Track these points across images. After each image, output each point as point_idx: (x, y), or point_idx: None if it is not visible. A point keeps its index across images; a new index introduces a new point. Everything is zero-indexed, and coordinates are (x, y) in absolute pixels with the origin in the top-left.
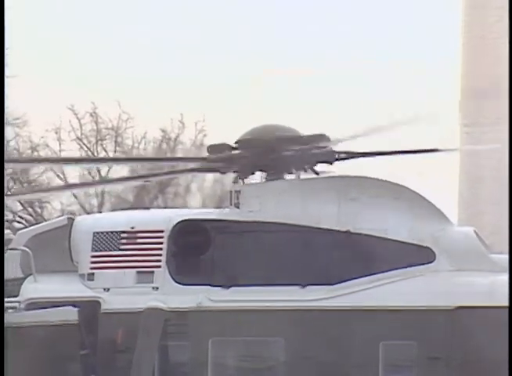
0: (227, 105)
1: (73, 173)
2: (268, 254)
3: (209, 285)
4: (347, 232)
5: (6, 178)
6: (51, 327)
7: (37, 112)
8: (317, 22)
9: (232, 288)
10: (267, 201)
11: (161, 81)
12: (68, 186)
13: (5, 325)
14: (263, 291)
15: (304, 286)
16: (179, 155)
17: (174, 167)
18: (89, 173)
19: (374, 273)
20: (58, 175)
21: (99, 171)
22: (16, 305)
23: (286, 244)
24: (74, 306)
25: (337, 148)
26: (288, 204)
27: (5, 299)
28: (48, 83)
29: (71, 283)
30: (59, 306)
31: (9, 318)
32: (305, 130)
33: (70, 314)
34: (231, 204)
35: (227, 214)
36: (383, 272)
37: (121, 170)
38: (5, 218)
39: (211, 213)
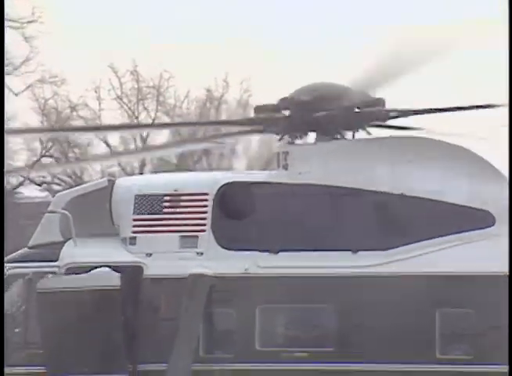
0: (273, 63)
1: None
2: (318, 218)
3: (256, 250)
4: (402, 195)
5: (45, 138)
6: (92, 292)
7: (75, 71)
8: None
9: (281, 254)
10: (317, 163)
11: (205, 39)
12: (107, 156)
13: (45, 290)
14: (313, 256)
15: (356, 251)
16: (224, 115)
17: (218, 129)
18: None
19: (430, 238)
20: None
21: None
22: (56, 270)
23: (336, 207)
24: (116, 272)
25: (389, 106)
26: (339, 166)
27: (45, 263)
28: (87, 41)
29: (112, 247)
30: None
31: (49, 283)
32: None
33: (111, 279)
34: (279, 166)
35: (275, 176)
36: (440, 236)
37: (163, 131)
38: (44, 179)
39: (258, 175)
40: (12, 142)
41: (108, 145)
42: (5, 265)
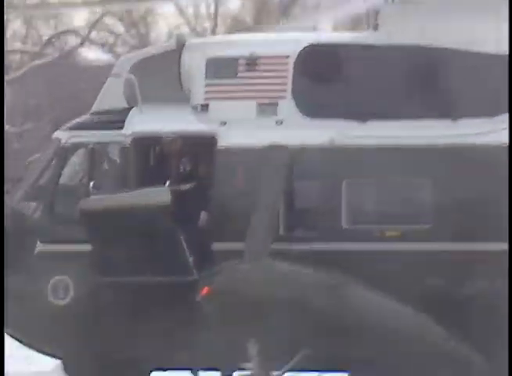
0: None
1: None
2: (412, 83)
3: (343, 119)
4: (504, 55)
5: None
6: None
7: None
8: None
9: (371, 122)
10: (410, 23)
11: None
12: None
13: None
14: (406, 125)
15: (455, 119)
16: None
17: None
18: None
19: None
20: None
21: None
22: (121, 139)
23: (432, 70)
24: (185, 142)
25: None
26: (438, 25)
27: (109, 132)
28: None
29: (182, 115)
30: (168, 141)
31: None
32: None
33: (163, 195)
34: (368, 27)
35: (364, 37)
36: None
37: None
38: (107, 40)
39: (345, 36)
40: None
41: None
42: (66, 132)
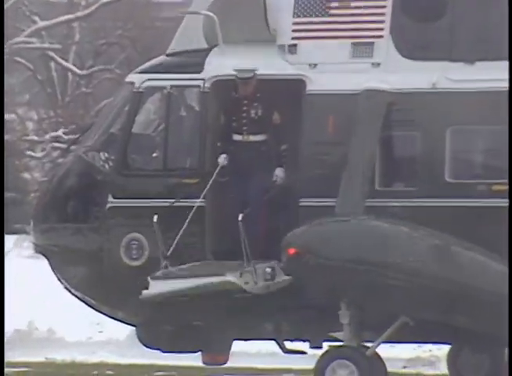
0: None
1: None
2: None
3: (447, 60)
4: None
5: None
6: None
7: None
8: None
9: (479, 63)
10: None
11: None
12: None
13: None
14: None
15: None
16: None
17: None
18: None
19: None
20: None
21: None
22: (199, 83)
23: None
24: (272, 87)
25: None
26: None
27: (187, 75)
28: None
29: (268, 57)
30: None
31: None
32: None
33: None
34: None
35: None
36: None
37: None
38: None
39: None
40: None
41: None
42: (139, 76)
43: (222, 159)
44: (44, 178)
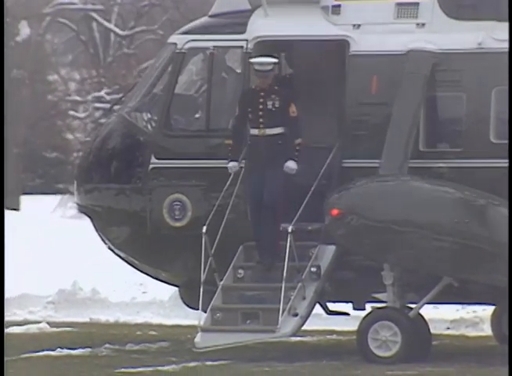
0: None
1: None
2: None
3: (493, 19)
4: None
5: None
6: None
7: None
8: None
9: None
10: None
11: None
12: None
13: None
14: None
15: None
16: None
17: None
18: None
19: None
20: None
21: None
22: (242, 44)
23: None
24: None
25: None
26: None
27: (230, 36)
28: None
29: (311, 18)
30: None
31: None
32: None
33: None
34: None
35: None
36: None
37: None
38: None
39: None
40: None
41: None
42: (182, 36)
43: (233, 166)
44: (87, 139)
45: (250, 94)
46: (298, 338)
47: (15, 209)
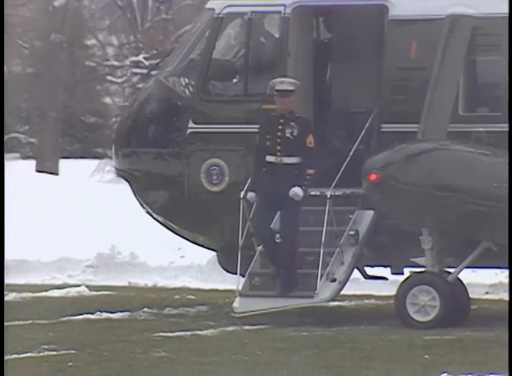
0: None
1: None
2: None
3: None
4: None
5: None
6: None
7: None
8: None
9: None
10: None
11: None
12: None
13: None
14: None
15: None
16: None
17: None
18: None
19: None
20: None
21: None
22: (280, 9)
23: None
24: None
25: None
26: None
27: (267, 2)
28: None
29: None
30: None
31: None
32: None
33: None
34: None
35: None
36: None
37: None
38: None
39: None
40: None
41: None
42: (220, 1)
43: (251, 197)
44: (125, 103)
45: (270, 120)
46: (336, 303)
47: (53, 173)
